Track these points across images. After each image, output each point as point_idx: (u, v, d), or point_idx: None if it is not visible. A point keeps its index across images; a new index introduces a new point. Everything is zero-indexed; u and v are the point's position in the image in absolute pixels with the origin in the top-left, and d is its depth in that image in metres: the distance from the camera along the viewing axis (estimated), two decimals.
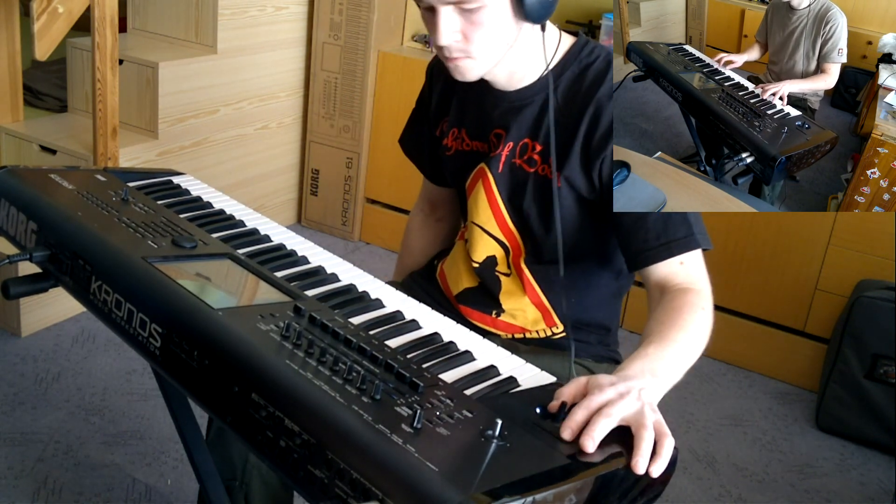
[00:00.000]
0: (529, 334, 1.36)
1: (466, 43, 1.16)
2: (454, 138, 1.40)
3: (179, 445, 1.95)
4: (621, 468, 0.84)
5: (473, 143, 1.37)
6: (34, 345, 2.46)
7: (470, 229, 1.38)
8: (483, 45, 1.17)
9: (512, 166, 1.30)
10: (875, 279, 2.55)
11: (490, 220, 1.34)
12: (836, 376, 2.49)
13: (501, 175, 1.31)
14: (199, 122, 2.93)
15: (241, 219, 1.33)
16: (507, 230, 1.34)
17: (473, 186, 1.36)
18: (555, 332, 1.35)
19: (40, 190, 1.25)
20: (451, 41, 1.16)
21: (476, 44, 1.16)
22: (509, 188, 1.31)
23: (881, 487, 2.31)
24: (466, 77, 1.21)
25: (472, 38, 1.15)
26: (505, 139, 1.30)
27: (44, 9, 2.22)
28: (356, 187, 3.38)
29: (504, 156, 1.30)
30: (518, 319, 1.35)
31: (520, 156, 1.29)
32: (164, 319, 0.98)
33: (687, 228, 1.20)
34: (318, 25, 3.26)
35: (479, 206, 1.35)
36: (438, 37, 1.15)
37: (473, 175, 1.36)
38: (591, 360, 1.36)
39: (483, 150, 1.35)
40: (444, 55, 1.19)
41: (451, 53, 1.17)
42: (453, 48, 1.17)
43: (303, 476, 0.81)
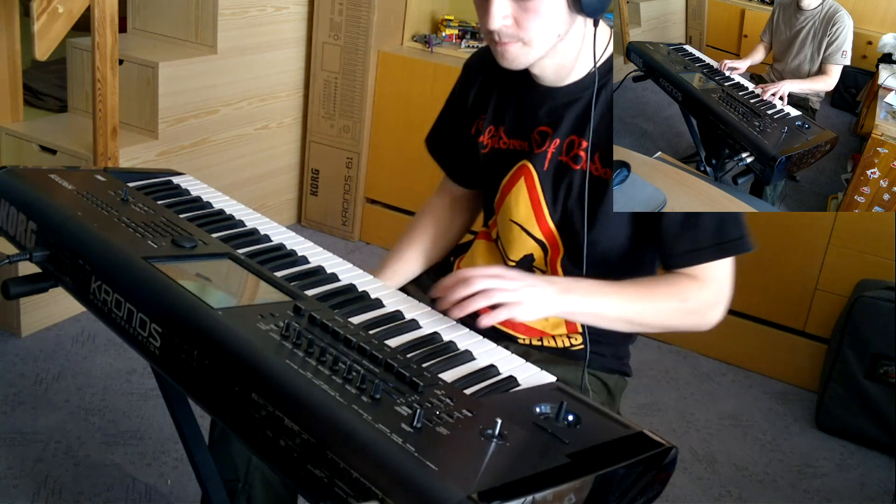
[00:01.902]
0: (548, 340, 1.34)
1: (518, 29, 1.16)
2: (490, 136, 1.38)
3: (179, 445, 1.95)
4: (621, 468, 0.84)
5: (512, 142, 1.35)
6: (34, 345, 2.46)
7: (507, 227, 1.36)
8: (535, 33, 1.16)
9: (558, 164, 1.28)
10: (875, 279, 2.55)
11: (531, 219, 1.32)
12: (836, 376, 2.49)
13: (546, 173, 1.29)
14: (199, 122, 2.93)
15: (241, 219, 1.33)
16: (548, 230, 1.32)
17: (514, 184, 1.33)
18: (573, 343, 1.33)
19: (40, 190, 1.25)
20: (501, 25, 1.15)
21: (528, 30, 1.16)
22: (554, 186, 1.29)
23: (881, 487, 2.31)
24: (514, 64, 1.20)
25: (524, 24, 1.15)
26: (552, 137, 1.29)
27: (44, 9, 2.22)
28: (356, 187, 3.38)
29: (550, 153, 1.29)
30: (538, 322, 1.33)
31: (566, 153, 1.28)
32: (164, 319, 0.98)
33: (740, 230, 1.21)
34: (318, 25, 3.26)
35: (519, 205, 1.33)
36: (490, 20, 1.15)
37: (514, 172, 1.33)
38: (603, 372, 1.36)
39: (523, 149, 1.33)
40: (494, 40, 1.18)
41: (502, 38, 1.17)
42: (504, 33, 1.16)
43: (303, 475, 0.81)
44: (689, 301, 1.22)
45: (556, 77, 1.27)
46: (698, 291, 1.22)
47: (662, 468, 0.88)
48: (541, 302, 1.13)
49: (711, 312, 1.24)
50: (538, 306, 1.13)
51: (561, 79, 1.27)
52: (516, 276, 1.14)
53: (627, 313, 1.20)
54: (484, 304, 1.10)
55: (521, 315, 1.12)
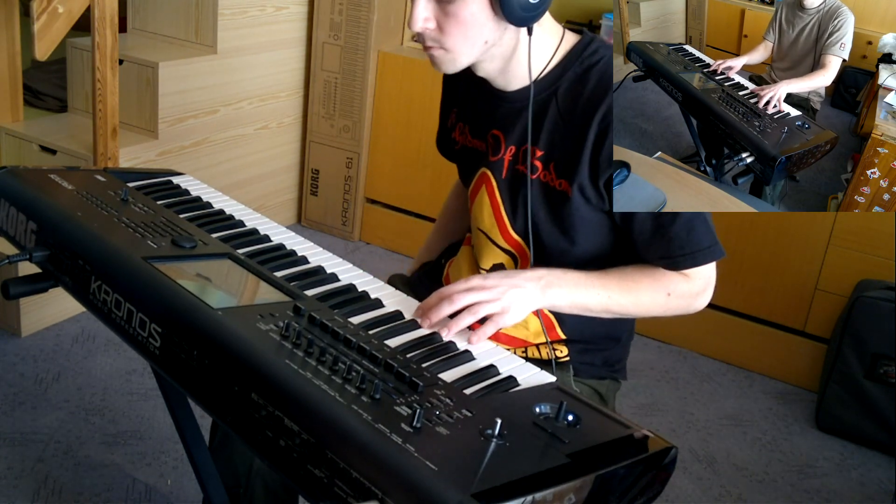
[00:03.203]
0: (532, 350, 1.32)
1: (440, 34, 1.14)
2: (460, 132, 1.37)
3: (179, 445, 1.95)
4: (621, 468, 0.84)
5: (474, 141, 1.34)
6: (34, 345, 2.46)
7: (476, 236, 1.35)
8: (456, 39, 1.14)
9: (515, 172, 1.26)
10: (875, 279, 2.54)
11: (494, 228, 1.31)
12: (836, 376, 2.49)
13: (504, 181, 1.28)
14: (198, 122, 2.93)
15: (240, 219, 1.33)
16: (512, 239, 1.30)
17: (477, 192, 1.32)
18: (559, 354, 1.31)
19: (40, 190, 1.25)
20: (422, 28, 1.14)
21: (449, 36, 1.14)
22: (511, 195, 1.27)
23: (881, 487, 2.31)
24: (441, 69, 1.20)
25: (445, 29, 1.14)
26: (505, 143, 1.27)
27: (44, 9, 2.22)
28: (356, 187, 3.38)
29: (507, 161, 1.27)
30: (519, 331, 1.30)
31: (522, 161, 1.25)
32: (164, 319, 0.98)
33: (711, 238, 1.20)
34: (318, 25, 3.26)
35: (483, 214, 1.31)
36: (412, 22, 1.14)
37: (476, 180, 1.32)
38: (593, 379, 1.34)
39: (481, 149, 1.32)
40: (420, 42, 1.18)
41: (426, 42, 1.17)
42: (427, 36, 1.15)
43: (302, 475, 0.81)
44: (674, 293, 1.21)
45: (503, 82, 1.25)
46: (684, 284, 1.22)
47: (662, 468, 0.88)
48: (525, 301, 1.13)
49: (698, 301, 1.25)
50: (523, 306, 1.13)
51: (509, 84, 1.25)
52: (497, 282, 1.12)
53: (612, 305, 1.19)
54: (471, 320, 1.08)
55: (508, 321, 1.11)
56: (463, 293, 1.10)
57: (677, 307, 1.23)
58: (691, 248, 1.19)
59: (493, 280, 1.13)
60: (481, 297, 1.10)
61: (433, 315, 1.08)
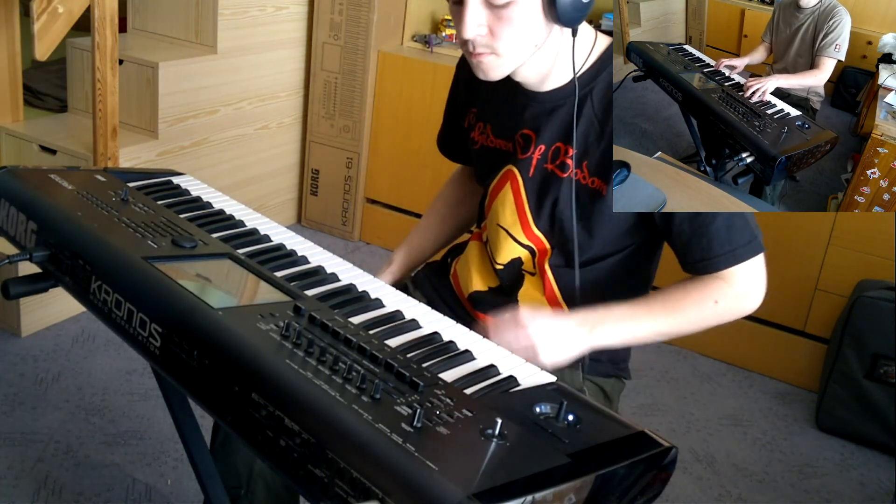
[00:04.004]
0: None
1: (492, 39, 1.13)
2: (480, 132, 1.36)
3: (179, 445, 1.95)
4: (621, 468, 0.84)
5: (497, 141, 1.33)
6: (34, 345, 2.46)
7: (494, 232, 1.34)
8: (509, 43, 1.13)
9: (544, 171, 1.26)
10: (875, 279, 2.55)
11: (516, 225, 1.30)
12: (836, 376, 2.49)
13: (531, 179, 1.27)
14: (199, 122, 2.93)
15: (241, 219, 1.33)
16: (533, 236, 1.30)
17: (500, 189, 1.32)
18: None
19: (40, 190, 1.25)
20: (475, 35, 1.12)
21: (502, 41, 1.13)
22: (539, 194, 1.27)
23: (881, 487, 2.31)
24: (490, 76, 1.18)
25: (498, 34, 1.12)
26: (536, 142, 1.27)
27: (44, 9, 2.22)
28: (356, 187, 3.38)
29: (535, 159, 1.27)
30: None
31: (552, 160, 1.25)
32: (164, 319, 0.98)
33: (750, 233, 1.19)
34: (318, 25, 3.26)
35: (505, 210, 1.31)
36: (464, 29, 1.11)
37: (500, 177, 1.32)
38: (599, 377, 1.34)
39: (507, 150, 1.31)
40: (469, 50, 1.15)
41: (476, 49, 1.14)
42: (478, 43, 1.13)
43: (303, 475, 0.81)
44: (722, 301, 1.20)
45: (537, 82, 1.25)
46: (728, 289, 1.20)
47: (662, 468, 0.88)
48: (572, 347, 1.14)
49: (749, 302, 1.22)
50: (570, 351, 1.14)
51: (543, 84, 1.25)
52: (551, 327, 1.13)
53: (663, 329, 1.18)
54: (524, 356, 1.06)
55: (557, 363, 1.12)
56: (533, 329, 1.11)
57: (730, 312, 1.21)
58: (731, 245, 1.18)
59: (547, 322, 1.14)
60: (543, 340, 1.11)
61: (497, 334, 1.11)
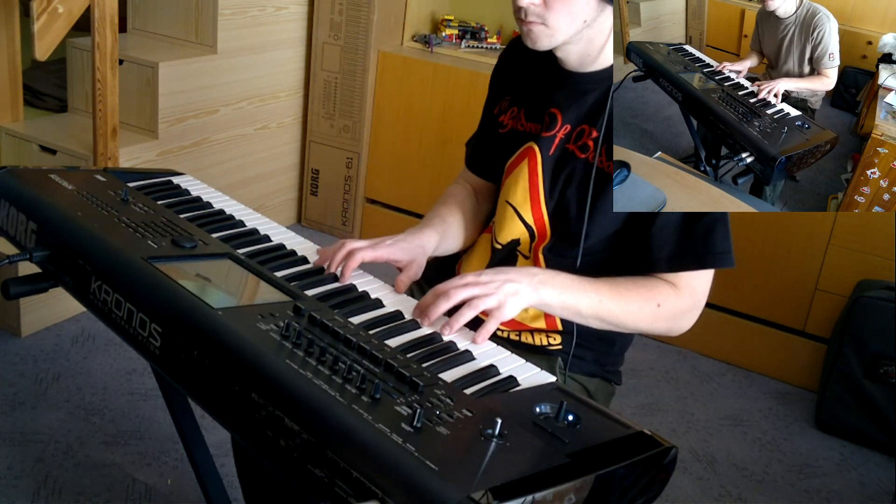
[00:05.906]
0: (526, 336, 1.33)
1: (545, 9, 1.18)
2: (511, 116, 1.37)
3: (179, 445, 1.95)
4: (621, 468, 0.84)
5: (528, 125, 1.34)
6: (34, 345, 2.46)
7: (502, 208, 1.35)
8: (560, 16, 1.18)
9: (564, 151, 1.28)
10: (875, 279, 2.55)
11: (525, 203, 1.32)
12: (836, 376, 2.49)
13: (550, 158, 1.29)
14: (199, 122, 2.93)
15: (241, 219, 1.33)
16: (539, 216, 1.31)
17: (517, 165, 1.33)
18: (552, 342, 1.33)
19: (40, 190, 1.25)
20: (529, 3, 1.17)
21: (554, 12, 1.18)
22: (554, 172, 1.29)
23: (881, 487, 2.31)
24: (537, 45, 1.22)
25: (551, 5, 1.17)
26: (562, 121, 1.29)
27: (44, 9, 2.22)
28: (356, 187, 3.38)
29: (559, 139, 1.29)
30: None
31: (574, 141, 1.28)
32: (164, 319, 0.98)
33: (727, 244, 1.21)
34: (318, 25, 3.26)
35: (517, 187, 1.32)
36: None
37: (519, 153, 1.33)
38: (583, 375, 1.34)
39: (534, 132, 1.33)
40: (521, 17, 1.20)
41: (528, 17, 1.19)
42: (531, 11, 1.18)
43: (303, 475, 0.81)
44: (664, 307, 1.21)
45: (579, 63, 1.28)
46: (675, 298, 1.22)
47: (662, 468, 0.88)
48: (519, 296, 1.13)
49: (684, 319, 1.25)
50: (518, 301, 1.13)
51: (584, 65, 1.28)
52: (491, 277, 1.13)
53: (602, 311, 1.19)
54: (471, 315, 1.08)
55: (506, 315, 1.12)
56: (459, 288, 1.10)
57: (665, 320, 1.23)
58: (705, 249, 1.20)
59: (488, 276, 1.13)
60: (478, 292, 1.10)
61: (431, 313, 1.09)
